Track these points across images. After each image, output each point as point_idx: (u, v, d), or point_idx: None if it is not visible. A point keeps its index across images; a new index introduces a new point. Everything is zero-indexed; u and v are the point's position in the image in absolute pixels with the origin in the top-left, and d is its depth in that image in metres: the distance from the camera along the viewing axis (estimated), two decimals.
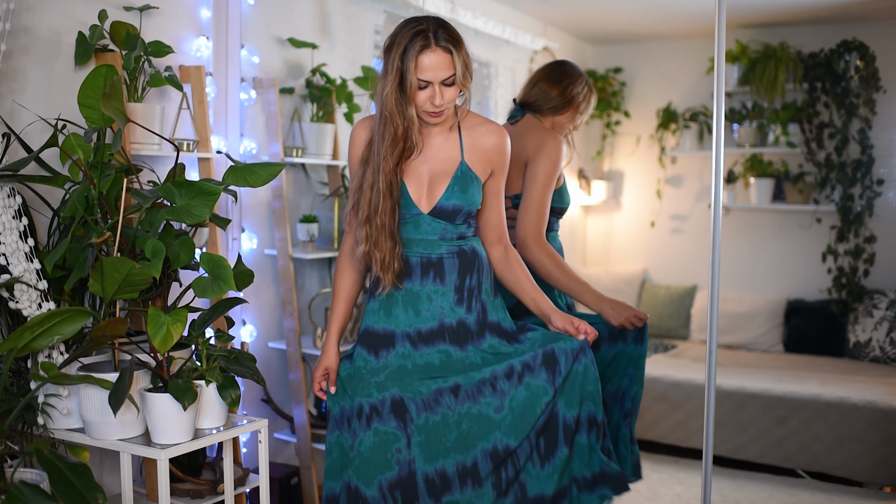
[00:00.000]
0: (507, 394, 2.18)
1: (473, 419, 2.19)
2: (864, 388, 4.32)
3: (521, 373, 2.19)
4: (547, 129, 2.72)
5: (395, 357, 2.24)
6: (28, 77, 2.43)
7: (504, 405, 2.18)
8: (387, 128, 2.16)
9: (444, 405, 2.20)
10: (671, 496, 3.97)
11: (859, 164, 5.08)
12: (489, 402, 2.19)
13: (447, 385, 2.20)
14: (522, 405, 2.18)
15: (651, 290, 5.77)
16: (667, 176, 5.89)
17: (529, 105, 2.81)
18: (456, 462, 2.21)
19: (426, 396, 2.21)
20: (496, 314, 2.30)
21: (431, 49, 2.09)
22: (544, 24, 5.38)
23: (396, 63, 2.11)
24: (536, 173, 2.60)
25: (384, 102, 2.15)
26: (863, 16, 4.99)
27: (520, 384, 2.18)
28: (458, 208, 2.23)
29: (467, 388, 2.20)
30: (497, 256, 2.34)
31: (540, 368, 2.18)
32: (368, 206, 2.18)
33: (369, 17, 3.86)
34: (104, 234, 2.08)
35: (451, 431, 2.20)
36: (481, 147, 2.26)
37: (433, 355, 2.24)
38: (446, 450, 2.21)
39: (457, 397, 2.20)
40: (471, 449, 2.20)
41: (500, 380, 2.19)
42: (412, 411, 2.21)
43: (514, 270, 2.34)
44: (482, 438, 2.19)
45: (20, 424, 2.14)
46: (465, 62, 2.15)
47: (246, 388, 3.23)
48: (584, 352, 2.19)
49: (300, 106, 3.50)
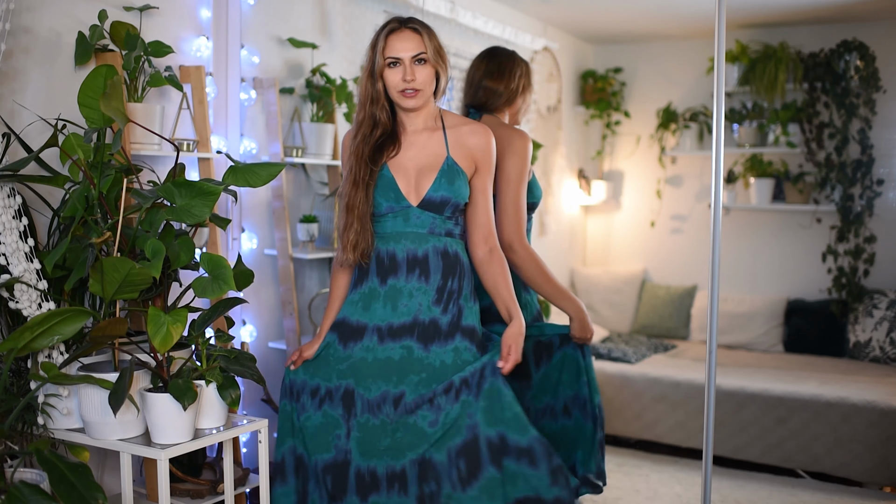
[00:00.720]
0: (443, 409, 2.22)
1: (408, 429, 2.24)
2: (864, 388, 4.32)
3: (458, 389, 2.22)
4: (509, 127, 2.70)
5: (360, 349, 2.31)
6: (28, 77, 2.43)
7: (439, 420, 2.22)
8: (358, 113, 2.30)
9: (384, 413, 2.27)
10: (671, 496, 3.97)
11: (859, 164, 5.08)
12: (425, 415, 2.23)
13: (395, 391, 2.25)
14: (454, 420, 2.21)
15: (651, 290, 5.77)
16: (667, 176, 5.89)
17: (483, 106, 2.79)
18: (386, 465, 2.26)
19: (372, 398, 2.27)
20: (472, 319, 2.33)
21: (400, 30, 2.23)
22: (544, 24, 5.38)
23: (370, 54, 2.26)
24: (507, 174, 2.59)
25: (360, 92, 2.30)
26: (863, 16, 4.99)
27: (456, 401, 2.21)
28: (445, 199, 2.28)
29: (408, 402, 2.25)
30: (480, 256, 2.38)
31: (474, 386, 2.21)
32: (344, 193, 2.30)
33: (369, 17, 3.86)
34: (104, 234, 2.08)
35: (387, 437, 2.26)
36: (466, 144, 2.33)
37: (395, 350, 2.28)
38: (380, 452, 2.27)
39: (396, 409, 2.25)
40: (401, 457, 2.25)
41: (438, 395, 2.23)
42: (357, 407, 2.29)
43: (493, 273, 2.37)
44: (412, 449, 2.24)
45: (20, 424, 2.14)
46: (435, 46, 2.25)
47: (246, 388, 3.22)
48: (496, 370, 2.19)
49: (300, 106, 3.50)
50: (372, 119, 2.28)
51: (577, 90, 5.95)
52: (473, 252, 2.38)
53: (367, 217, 2.26)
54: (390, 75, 2.23)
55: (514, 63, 2.79)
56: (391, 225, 2.30)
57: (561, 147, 5.49)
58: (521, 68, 2.80)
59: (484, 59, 2.81)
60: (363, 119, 2.29)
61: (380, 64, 2.22)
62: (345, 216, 2.27)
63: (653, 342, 5.36)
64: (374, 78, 2.25)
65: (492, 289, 2.38)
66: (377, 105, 2.27)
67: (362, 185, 2.25)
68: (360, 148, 2.27)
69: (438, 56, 2.24)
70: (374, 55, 2.23)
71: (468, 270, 2.36)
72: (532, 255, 2.59)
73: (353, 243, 2.26)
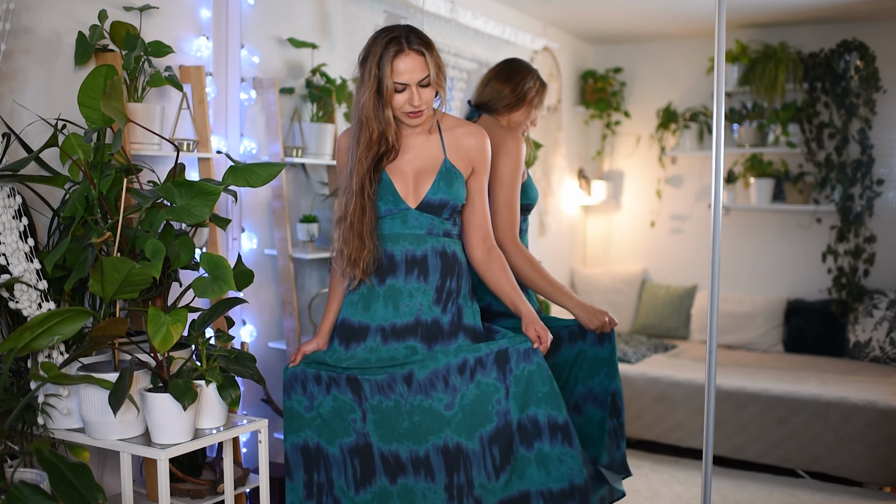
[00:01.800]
0: (459, 391, 2.22)
1: (424, 413, 2.24)
2: (864, 388, 4.32)
3: (473, 368, 2.22)
4: (504, 128, 2.70)
5: (363, 350, 2.32)
6: (28, 77, 2.43)
7: (455, 402, 2.22)
8: (363, 132, 2.26)
9: (398, 392, 2.26)
10: (671, 496, 3.97)
11: (859, 164, 5.08)
12: (440, 397, 2.23)
13: (402, 372, 2.24)
14: (473, 403, 2.22)
15: (651, 290, 5.77)
16: (667, 176, 5.88)
17: (484, 105, 2.80)
18: (409, 449, 2.26)
19: (380, 380, 2.27)
20: (471, 318, 2.35)
21: (405, 53, 2.20)
22: (544, 24, 5.38)
23: (374, 71, 2.22)
24: (500, 174, 2.59)
25: (362, 108, 2.26)
26: (863, 16, 4.99)
27: (471, 381, 2.22)
28: (444, 202, 2.30)
29: (420, 379, 2.23)
30: (480, 257, 2.39)
31: (492, 366, 2.22)
32: (342, 207, 2.29)
33: (369, 17, 3.86)
34: (104, 234, 2.08)
35: (404, 420, 2.26)
36: (462, 146, 2.35)
37: (399, 350, 2.29)
38: (399, 435, 2.27)
39: (409, 387, 2.24)
40: (422, 441, 2.25)
41: (452, 374, 2.22)
42: (366, 390, 2.28)
43: (495, 272, 2.38)
44: (433, 434, 2.24)
45: (20, 424, 2.14)
46: (437, 63, 2.25)
47: (246, 388, 3.23)
48: (535, 351, 2.22)
49: (300, 106, 3.50)
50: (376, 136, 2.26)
51: (577, 90, 5.95)
52: (472, 253, 2.39)
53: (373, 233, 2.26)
54: (396, 97, 2.24)
55: (528, 75, 2.81)
56: (389, 226, 2.30)
57: (561, 147, 5.49)
58: (534, 83, 2.81)
59: (502, 63, 2.86)
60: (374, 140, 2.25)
61: (389, 88, 2.21)
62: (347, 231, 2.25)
63: (653, 342, 5.36)
64: (382, 101, 2.23)
65: (495, 287, 2.38)
66: (390, 129, 2.26)
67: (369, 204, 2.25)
68: (360, 164, 2.25)
69: (439, 73, 2.25)
70: (380, 75, 2.21)
71: (466, 270, 2.37)
72: (525, 254, 2.59)
73: (353, 260, 2.26)
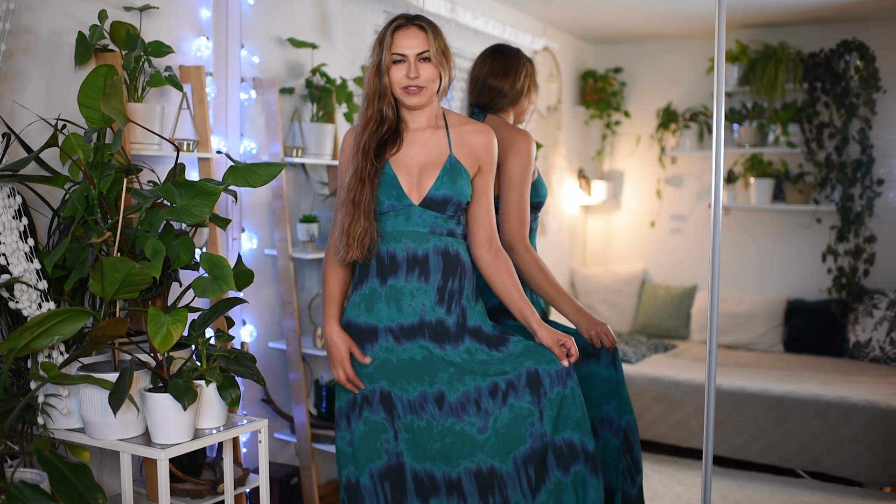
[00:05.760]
0: (492, 414, 2.20)
1: (456, 436, 2.22)
2: (864, 388, 4.32)
3: (505, 392, 2.20)
4: (512, 128, 2.66)
5: (380, 350, 2.29)
6: (28, 77, 2.43)
7: (488, 427, 2.21)
8: (366, 109, 2.28)
9: (429, 413, 2.25)
10: (671, 496, 3.97)
11: (859, 164, 5.08)
12: (473, 421, 2.21)
13: (432, 391, 2.23)
14: (507, 427, 2.20)
15: (651, 290, 5.77)
16: (667, 176, 5.88)
17: (487, 106, 2.75)
18: (442, 471, 2.25)
19: (412, 398, 2.25)
20: (476, 319, 2.31)
21: (406, 27, 2.23)
22: (544, 24, 5.38)
23: (376, 49, 2.26)
24: (510, 174, 2.56)
25: (365, 87, 2.29)
26: (863, 16, 4.99)
27: (504, 405, 2.20)
28: (447, 198, 2.26)
29: (451, 402, 2.22)
30: (486, 259, 2.35)
31: (524, 390, 2.20)
32: (344, 188, 2.28)
33: (369, 17, 3.86)
34: (104, 234, 2.08)
35: (436, 441, 2.25)
36: (469, 144, 2.32)
37: (415, 350, 2.27)
38: (432, 456, 2.25)
39: (441, 409, 2.23)
40: (455, 465, 2.23)
41: (484, 398, 2.21)
42: (399, 408, 2.27)
43: (502, 277, 2.34)
44: (465, 458, 2.22)
45: (20, 424, 2.14)
46: (440, 46, 2.25)
47: (246, 388, 3.23)
48: (570, 374, 2.21)
49: (300, 106, 3.50)
50: (380, 115, 2.27)
51: (577, 90, 5.95)
52: (478, 255, 2.35)
53: (371, 213, 2.24)
54: (395, 71, 2.23)
55: (520, 62, 2.74)
56: (392, 223, 2.27)
57: (561, 147, 5.49)
58: (527, 68, 2.76)
59: (489, 57, 2.76)
60: (371, 115, 2.27)
61: (386, 60, 2.22)
62: (351, 211, 2.23)
63: (653, 342, 5.36)
64: (380, 73, 2.24)
65: (502, 293, 2.35)
66: (384, 101, 2.26)
67: (368, 181, 2.24)
68: (366, 143, 2.25)
69: (443, 55, 2.24)
70: (381, 51, 2.23)
71: (469, 270, 2.33)
72: (533, 256, 2.55)
73: (359, 238, 2.22)
